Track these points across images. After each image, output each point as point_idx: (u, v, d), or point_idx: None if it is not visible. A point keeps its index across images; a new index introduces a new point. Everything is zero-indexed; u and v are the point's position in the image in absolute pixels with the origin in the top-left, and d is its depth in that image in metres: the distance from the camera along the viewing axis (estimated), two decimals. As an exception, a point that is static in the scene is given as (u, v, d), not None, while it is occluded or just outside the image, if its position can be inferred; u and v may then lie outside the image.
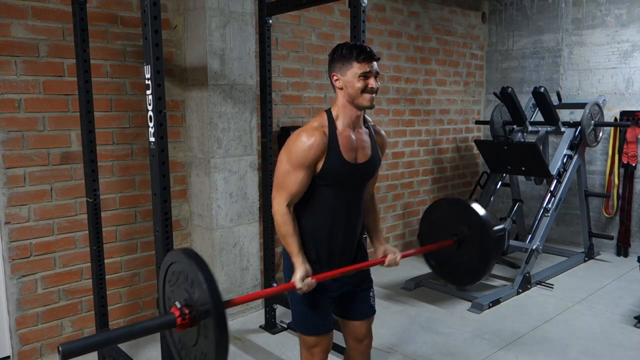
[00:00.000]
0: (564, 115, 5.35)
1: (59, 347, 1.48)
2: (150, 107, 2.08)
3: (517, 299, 4.09)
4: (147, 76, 2.05)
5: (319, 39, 4.33)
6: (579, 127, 4.69)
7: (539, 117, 5.14)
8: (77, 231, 3.15)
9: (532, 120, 5.19)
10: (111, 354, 2.85)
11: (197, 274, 1.63)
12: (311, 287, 1.92)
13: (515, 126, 5.13)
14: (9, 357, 3.03)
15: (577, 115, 5.12)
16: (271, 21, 3.37)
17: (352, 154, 1.96)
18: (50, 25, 2.97)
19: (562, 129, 4.82)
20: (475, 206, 2.42)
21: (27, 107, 2.93)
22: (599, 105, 4.79)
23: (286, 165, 1.91)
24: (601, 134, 4.84)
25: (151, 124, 2.09)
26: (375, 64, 1.91)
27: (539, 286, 4.33)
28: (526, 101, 5.30)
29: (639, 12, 4.94)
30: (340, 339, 2.37)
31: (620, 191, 5.15)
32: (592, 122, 4.70)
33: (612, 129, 5.09)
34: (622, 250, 5.19)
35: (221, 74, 3.38)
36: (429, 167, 5.57)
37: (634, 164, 5.03)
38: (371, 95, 1.91)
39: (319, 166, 1.92)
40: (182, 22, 3.46)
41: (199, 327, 1.67)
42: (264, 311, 3.59)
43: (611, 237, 5.11)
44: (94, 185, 2.84)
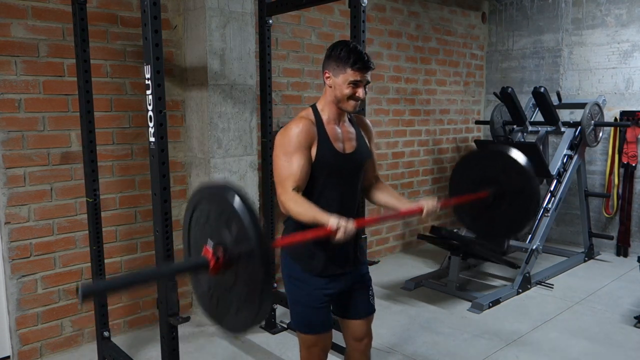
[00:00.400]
0: (564, 115, 5.34)
1: (77, 287, 1.43)
2: (150, 107, 2.09)
3: (517, 299, 4.09)
4: (147, 76, 2.06)
5: (319, 39, 4.33)
6: (579, 127, 4.69)
7: (539, 117, 5.14)
8: (77, 231, 3.15)
9: (532, 120, 5.20)
10: (111, 354, 2.85)
11: (237, 210, 1.40)
12: (350, 231, 1.74)
13: (515, 126, 5.14)
14: (9, 357, 3.03)
15: (577, 115, 5.12)
16: (271, 21, 3.38)
17: (340, 145, 1.99)
18: (50, 25, 2.97)
19: (562, 129, 4.83)
20: (514, 154, 2.28)
21: (27, 107, 2.93)
22: (599, 105, 4.80)
23: (282, 157, 1.91)
24: (601, 134, 4.85)
25: (151, 124, 2.09)
26: (368, 73, 1.93)
27: (539, 286, 4.33)
28: (526, 101, 5.31)
29: (639, 12, 4.94)
30: (340, 338, 2.36)
31: (620, 191, 5.15)
32: (592, 122, 4.70)
33: (612, 129, 5.09)
34: (622, 250, 5.19)
35: (221, 74, 3.38)
36: (429, 167, 5.57)
37: (634, 164, 5.03)
38: (356, 102, 1.96)
39: (314, 153, 1.93)
40: (182, 22, 3.47)
41: (237, 269, 1.48)
42: (264, 311, 3.58)
43: (611, 237, 5.11)
44: (94, 185, 2.84)
